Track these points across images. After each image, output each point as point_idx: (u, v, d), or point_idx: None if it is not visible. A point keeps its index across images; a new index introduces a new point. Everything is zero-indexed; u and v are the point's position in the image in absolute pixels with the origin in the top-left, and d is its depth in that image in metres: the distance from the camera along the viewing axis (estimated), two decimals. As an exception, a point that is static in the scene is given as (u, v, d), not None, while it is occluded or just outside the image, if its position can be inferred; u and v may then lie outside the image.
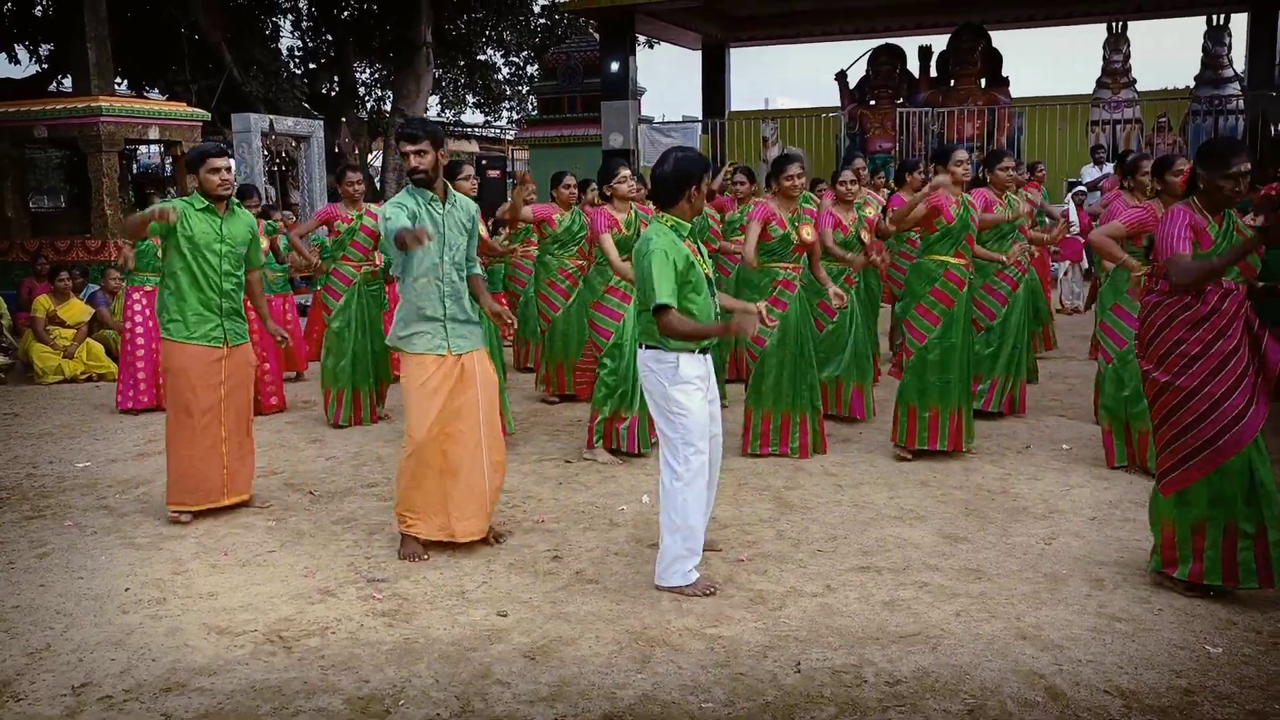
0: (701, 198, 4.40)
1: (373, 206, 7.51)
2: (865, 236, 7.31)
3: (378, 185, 22.79)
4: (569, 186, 7.62)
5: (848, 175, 7.29)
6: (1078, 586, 4.38)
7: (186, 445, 5.39)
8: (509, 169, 27.40)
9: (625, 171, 6.68)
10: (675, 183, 4.32)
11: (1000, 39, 19.43)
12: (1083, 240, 12.72)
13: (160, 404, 8.04)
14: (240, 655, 3.87)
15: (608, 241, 6.40)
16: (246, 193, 8.66)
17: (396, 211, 4.69)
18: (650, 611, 4.21)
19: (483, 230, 6.46)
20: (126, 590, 4.51)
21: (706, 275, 4.37)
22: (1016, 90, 18.91)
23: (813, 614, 4.16)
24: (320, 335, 8.48)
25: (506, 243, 8.49)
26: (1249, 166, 4.07)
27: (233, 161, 5.24)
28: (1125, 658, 3.73)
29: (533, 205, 7.93)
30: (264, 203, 10.90)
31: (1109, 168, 16.15)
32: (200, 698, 3.56)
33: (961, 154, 6.32)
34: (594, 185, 7.79)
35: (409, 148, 4.73)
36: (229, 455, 5.48)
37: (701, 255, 4.42)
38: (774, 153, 18.34)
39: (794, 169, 6.28)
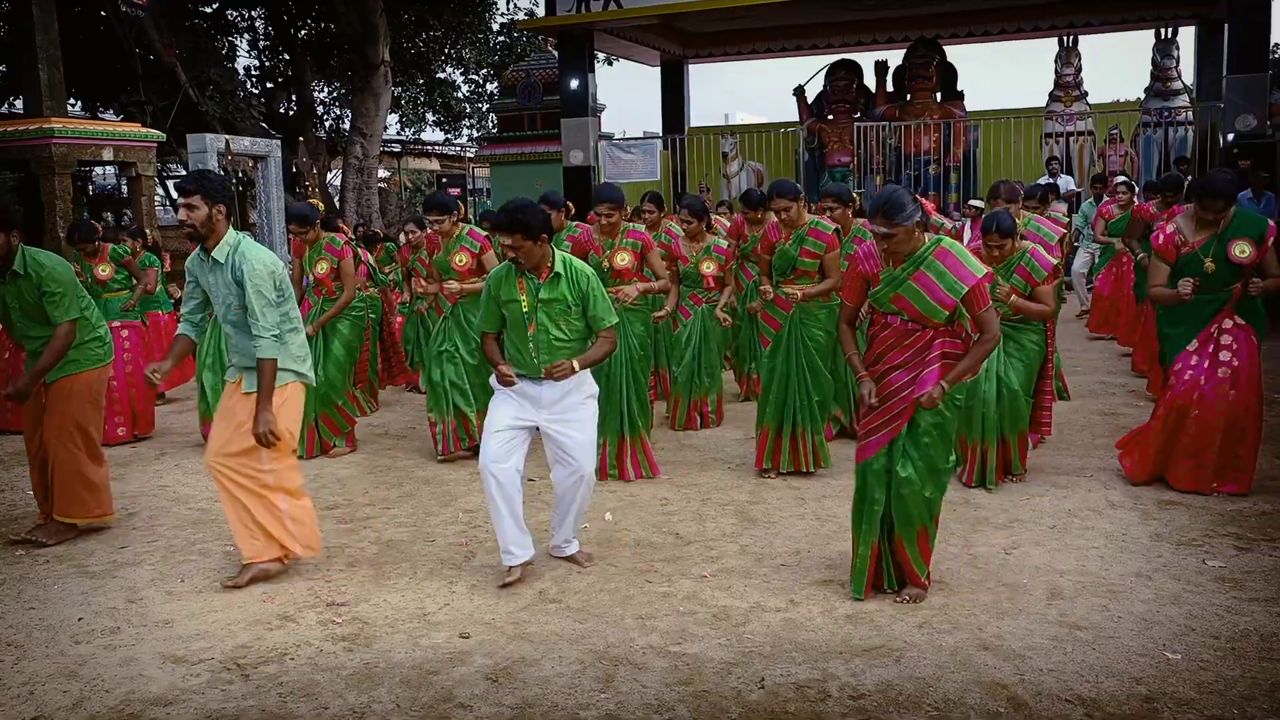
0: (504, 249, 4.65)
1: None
2: (708, 268, 7.63)
3: (337, 204, 22.65)
4: (438, 222, 7.20)
5: (685, 214, 7.70)
6: (1038, 595, 4.41)
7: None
8: (469, 186, 27.35)
9: (430, 216, 6.97)
10: None
11: (955, 53, 19.69)
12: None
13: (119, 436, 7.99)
14: (196, 684, 3.80)
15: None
16: (85, 234, 8.24)
17: (187, 281, 4.93)
18: (613, 630, 4.18)
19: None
20: (79, 620, 4.42)
21: (524, 315, 4.64)
22: (971, 104, 19.15)
23: (776, 629, 4.15)
24: None
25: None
26: (886, 231, 4.18)
27: None
28: (1086, 666, 3.76)
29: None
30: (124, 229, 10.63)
31: (1066, 179, 16.37)
32: (155, 729, 3.50)
33: (777, 202, 6.27)
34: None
35: (180, 200, 4.69)
36: (50, 476, 5.51)
37: (530, 295, 4.63)
38: (734, 168, 18.46)
39: (601, 209, 6.51)
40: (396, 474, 6.75)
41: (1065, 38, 18.13)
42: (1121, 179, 11.26)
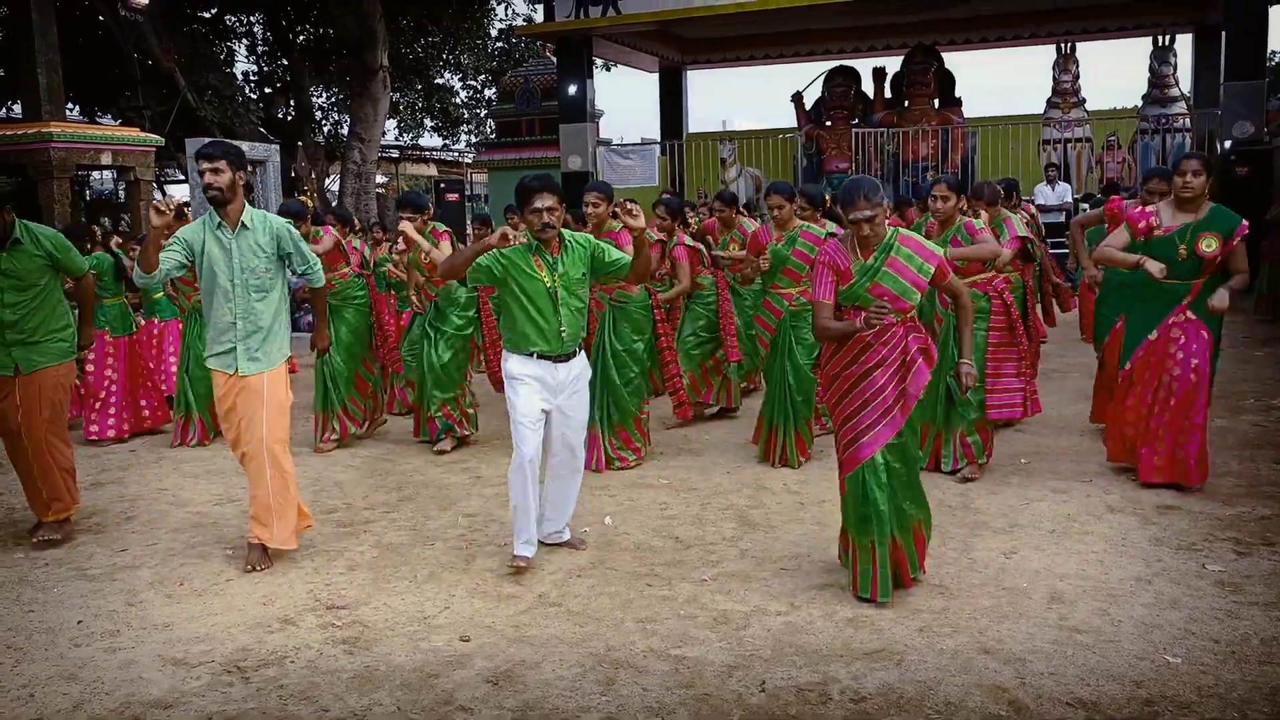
0: (531, 218, 4.75)
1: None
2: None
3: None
4: (409, 219, 7.28)
5: (660, 211, 7.84)
6: (1038, 599, 4.41)
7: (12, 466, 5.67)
8: (467, 192, 27.37)
9: (405, 214, 7.13)
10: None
11: (953, 60, 19.72)
12: None
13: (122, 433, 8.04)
14: (197, 687, 3.80)
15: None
16: (76, 235, 8.00)
17: (171, 246, 4.90)
18: (614, 633, 4.18)
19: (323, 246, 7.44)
20: (79, 623, 4.42)
21: (549, 291, 4.78)
22: (969, 110, 19.17)
23: (777, 632, 4.15)
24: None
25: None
26: (870, 214, 4.28)
27: None
28: (1086, 669, 3.76)
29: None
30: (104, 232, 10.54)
31: (1064, 186, 16.39)
32: (155, 731, 3.49)
33: (773, 199, 6.69)
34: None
35: (204, 165, 4.81)
36: (40, 476, 5.48)
37: (550, 271, 4.78)
38: (732, 174, 18.47)
39: (590, 197, 6.64)
40: (395, 478, 6.75)
41: (1063, 45, 18.16)
42: (1088, 198, 11.03)
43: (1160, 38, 17.73)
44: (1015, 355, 6.40)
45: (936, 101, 18.98)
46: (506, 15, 27.43)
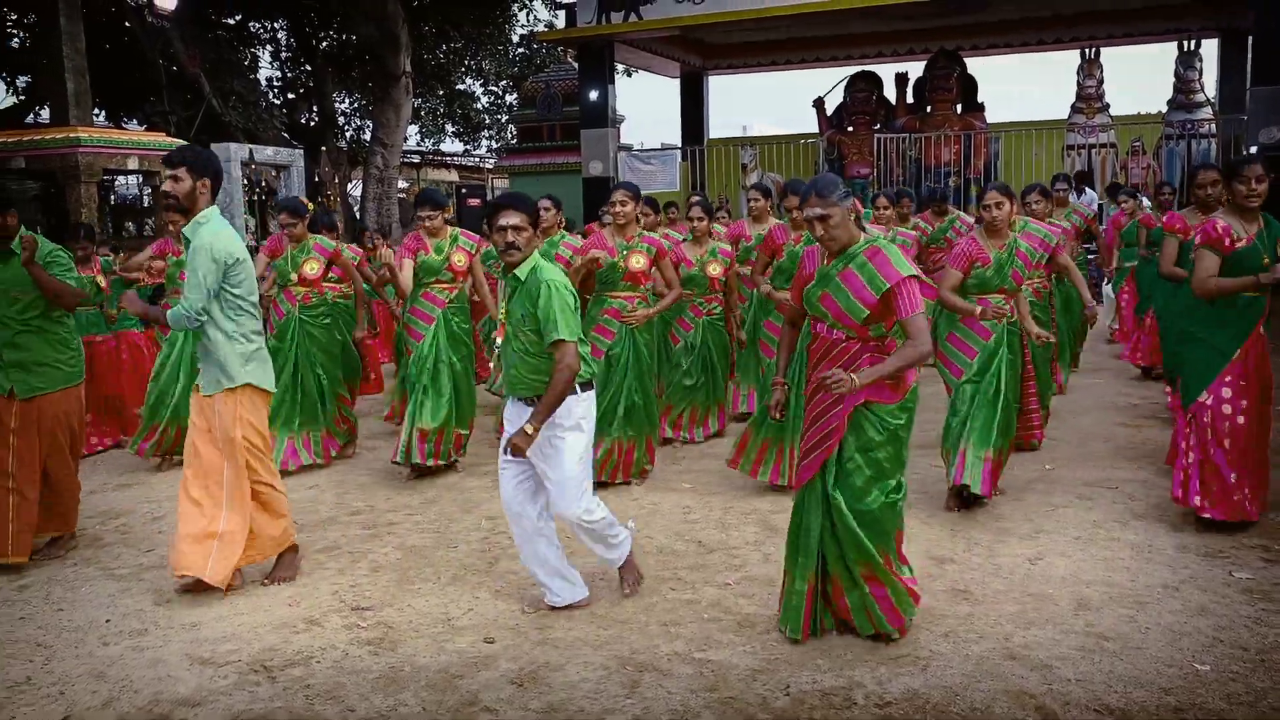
0: (495, 237, 4.28)
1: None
2: (714, 270, 7.44)
3: (357, 214, 22.78)
4: (430, 217, 6.93)
5: (696, 212, 7.47)
6: (1065, 606, 4.38)
7: None
8: (489, 197, 27.48)
9: (424, 211, 6.87)
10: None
11: (976, 65, 19.66)
12: None
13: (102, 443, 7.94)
14: (224, 686, 3.83)
15: (406, 268, 6.79)
16: (87, 233, 8.07)
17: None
18: (638, 636, 4.19)
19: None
20: (107, 622, 4.46)
21: (501, 319, 4.43)
22: (992, 115, 19.10)
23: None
24: None
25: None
26: (822, 212, 3.91)
27: None
28: (1114, 676, 3.74)
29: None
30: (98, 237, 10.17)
31: (1091, 193, 16.31)
32: (184, 730, 3.52)
33: (791, 200, 6.49)
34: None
35: (165, 172, 4.61)
36: (14, 509, 5.11)
37: (504, 301, 4.39)
38: (753, 179, 18.46)
39: (618, 196, 6.36)
40: (418, 480, 6.77)
41: (1087, 50, 18.06)
42: (1124, 195, 10.99)
43: (1186, 42, 17.61)
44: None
45: (959, 107, 18.94)
46: (528, 21, 27.55)
